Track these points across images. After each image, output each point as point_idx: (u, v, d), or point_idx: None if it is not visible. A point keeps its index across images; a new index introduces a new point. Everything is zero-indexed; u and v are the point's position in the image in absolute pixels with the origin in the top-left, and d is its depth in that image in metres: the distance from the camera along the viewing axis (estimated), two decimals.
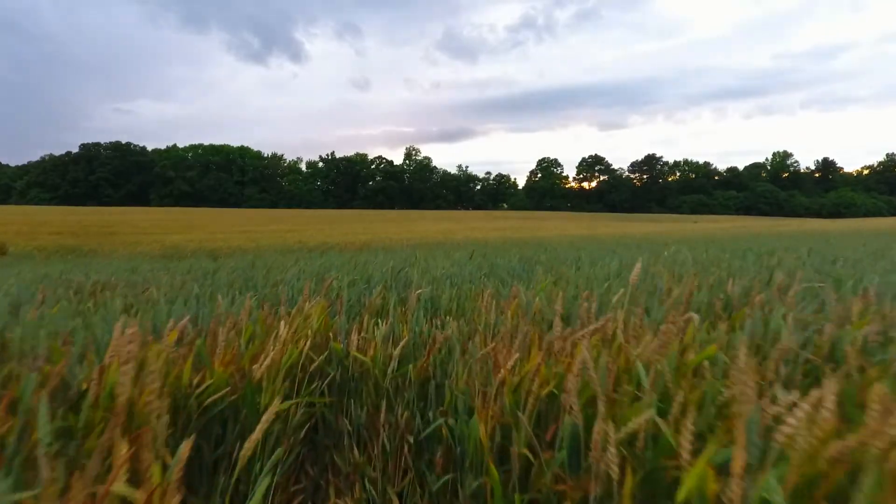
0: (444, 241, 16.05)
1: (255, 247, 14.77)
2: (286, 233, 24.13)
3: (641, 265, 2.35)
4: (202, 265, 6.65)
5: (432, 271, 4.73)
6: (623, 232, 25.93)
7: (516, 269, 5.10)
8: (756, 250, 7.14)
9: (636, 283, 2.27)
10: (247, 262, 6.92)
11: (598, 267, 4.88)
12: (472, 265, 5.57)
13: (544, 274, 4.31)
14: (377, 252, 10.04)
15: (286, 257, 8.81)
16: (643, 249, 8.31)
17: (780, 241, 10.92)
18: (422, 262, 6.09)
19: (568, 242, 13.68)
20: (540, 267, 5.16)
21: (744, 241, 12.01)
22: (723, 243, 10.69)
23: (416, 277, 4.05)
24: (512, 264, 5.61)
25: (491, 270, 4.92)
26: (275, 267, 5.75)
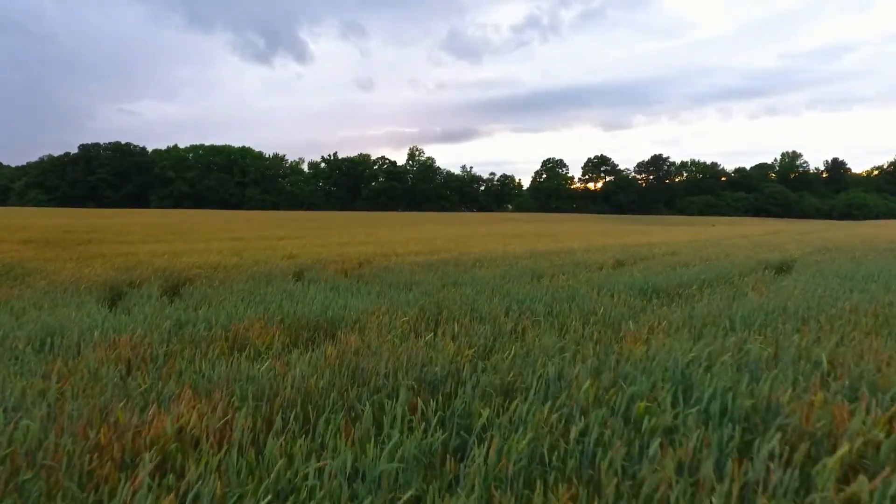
0: (462, 254, 13.96)
1: (235, 263, 12.73)
2: (279, 241, 22.07)
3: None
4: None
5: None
6: (674, 238, 23.80)
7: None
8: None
9: None
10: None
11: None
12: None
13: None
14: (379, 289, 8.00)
15: (252, 288, 6.77)
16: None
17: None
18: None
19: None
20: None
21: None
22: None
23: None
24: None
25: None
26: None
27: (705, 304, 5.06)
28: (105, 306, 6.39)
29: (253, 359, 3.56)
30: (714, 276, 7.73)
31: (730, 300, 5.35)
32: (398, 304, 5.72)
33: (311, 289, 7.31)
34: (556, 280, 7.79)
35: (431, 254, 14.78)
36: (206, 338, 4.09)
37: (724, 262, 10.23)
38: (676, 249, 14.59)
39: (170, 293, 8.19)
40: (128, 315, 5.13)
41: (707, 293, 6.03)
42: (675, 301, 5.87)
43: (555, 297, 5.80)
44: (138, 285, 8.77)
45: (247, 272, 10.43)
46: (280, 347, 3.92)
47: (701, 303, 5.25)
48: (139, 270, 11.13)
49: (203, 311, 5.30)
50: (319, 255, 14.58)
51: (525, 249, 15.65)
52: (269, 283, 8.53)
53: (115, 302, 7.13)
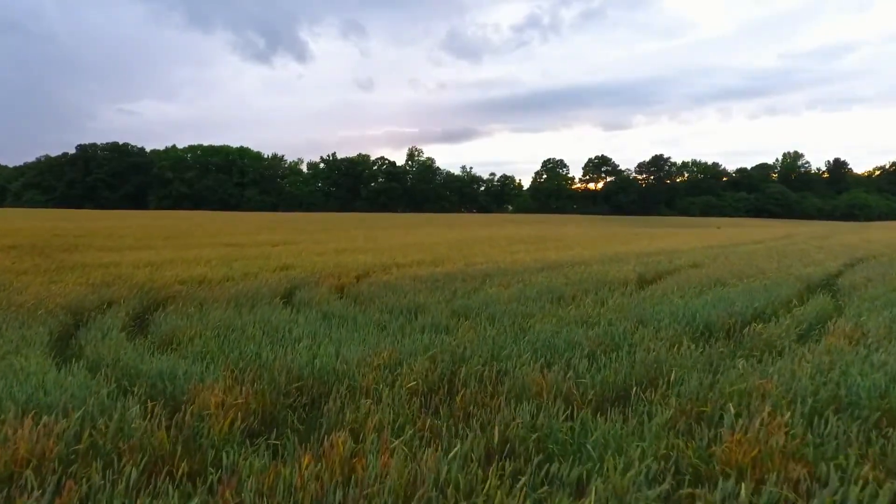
0: (467, 265, 12.97)
1: (223, 276, 11.75)
2: (274, 247, 21.07)
3: None
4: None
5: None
6: (685, 243, 22.84)
7: None
8: None
9: None
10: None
11: None
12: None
13: None
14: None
15: (230, 319, 5.79)
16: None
17: None
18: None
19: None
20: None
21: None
22: None
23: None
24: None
25: None
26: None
27: (804, 366, 3.86)
28: (53, 345, 5.41)
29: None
30: (764, 302, 6.74)
31: (828, 355, 4.15)
32: (402, 346, 4.75)
33: (301, 318, 6.33)
34: (583, 306, 6.81)
35: (434, 265, 13.79)
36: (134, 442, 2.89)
37: (760, 279, 9.25)
38: (697, 260, 13.61)
39: (139, 321, 7.21)
40: (65, 370, 4.13)
41: (780, 334, 5.02)
42: (738, 344, 4.85)
43: (595, 339, 4.81)
44: (108, 307, 7.79)
45: (232, 290, 9.44)
46: (241, 433, 2.93)
47: (788, 360, 4.05)
48: (115, 287, 10.13)
49: (161, 360, 4.32)
50: (315, 266, 13.59)
51: (533, 258, 14.67)
52: (253, 307, 7.54)
53: (71, 335, 6.14)
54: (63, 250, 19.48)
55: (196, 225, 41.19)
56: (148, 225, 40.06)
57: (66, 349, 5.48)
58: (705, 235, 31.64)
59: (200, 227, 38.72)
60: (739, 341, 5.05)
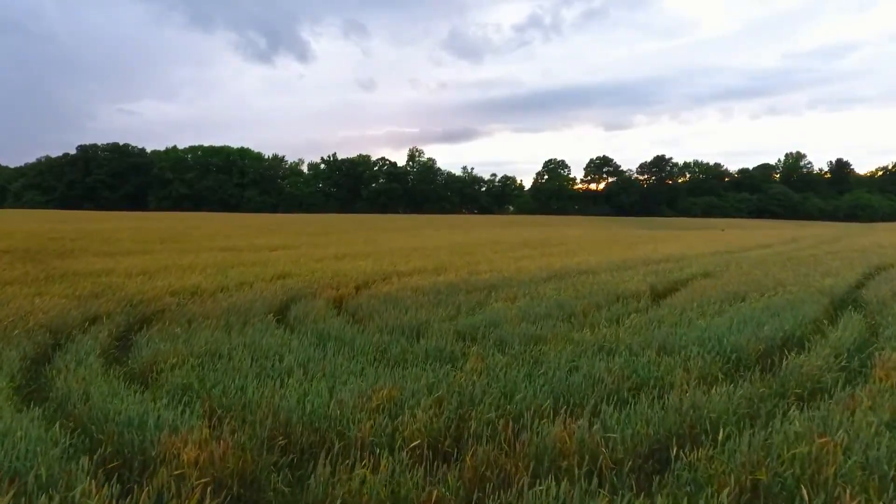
0: (471, 274, 12.50)
1: (217, 286, 11.30)
2: (272, 252, 20.62)
3: None
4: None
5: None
6: (691, 248, 22.35)
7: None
8: None
9: None
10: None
11: None
12: None
13: None
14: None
15: (218, 341, 5.33)
16: None
17: None
18: None
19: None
20: None
21: None
22: None
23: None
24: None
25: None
26: None
27: (867, 416, 3.34)
28: (23, 373, 4.95)
29: None
30: (793, 323, 6.23)
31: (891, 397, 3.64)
32: (404, 380, 4.29)
33: (294, 340, 5.88)
34: (598, 328, 6.34)
35: (436, 272, 13.33)
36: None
37: (780, 293, 8.78)
38: (708, 268, 13.14)
39: (122, 341, 6.76)
40: (24, 414, 3.66)
41: (821, 366, 4.54)
42: (777, 380, 4.36)
43: (618, 373, 4.34)
44: (91, 325, 7.33)
45: (225, 303, 8.99)
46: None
47: (842, 407, 3.51)
48: (103, 299, 9.68)
49: (134, 402, 3.86)
50: (313, 275, 13.14)
51: (539, 266, 14.21)
52: (245, 324, 7.09)
53: (45, 361, 5.68)
54: (57, 255, 19.05)
55: (194, 227, 40.73)
56: (146, 227, 39.61)
57: (36, 380, 5.02)
58: (710, 238, 31.16)
59: (199, 229, 38.26)
60: (777, 375, 4.59)
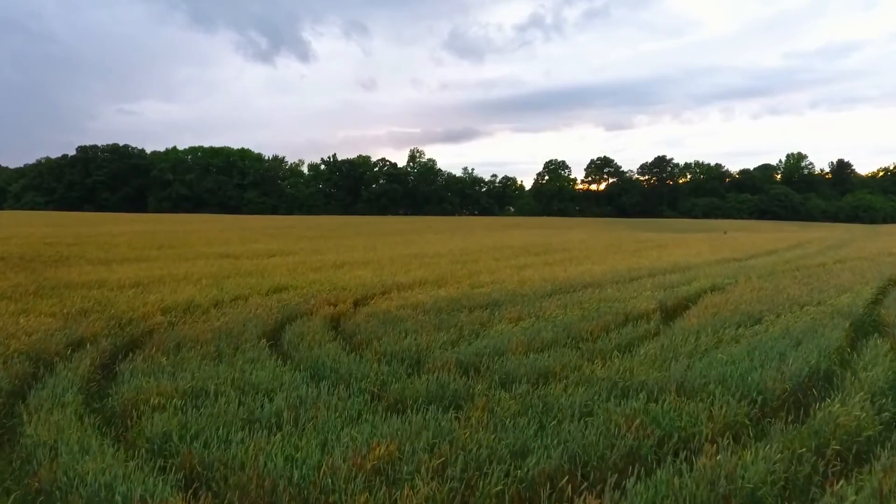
0: (473, 287, 12.12)
1: (211, 301, 10.95)
2: (270, 259, 20.25)
3: None
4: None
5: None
6: (697, 254, 21.99)
7: None
8: None
9: None
10: None
11: None
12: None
13: None
14: None
15: (207, 374, 4.97)
16: None
17: None
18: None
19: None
20: None
21: None
22: None
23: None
24: None
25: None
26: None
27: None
28: None
29: None
30: (816, 354, 5.79)
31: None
32: (403, 432, 3.92)
33: (286, 375, 5.52)
34: (610, 360, 5.96)
35: (437, 285, 12.97)
36: None
37: (796, 314, 8.40)
38: (716, 280, 12.76)
39: (105, 372, 6.38)
40: None
41: (861, 417, 4.14)
42: (814, 435, 3.94)
43: (638, 427, 3.96)
44: (74, 352, 6.95)
45: (217, 322, 8.64)
46: None
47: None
48: (92, 317, 9.32)
49: (105, 463, 3.48)
50: (311, 286, 12.79)
51: (542, 277, 13.84)
52: (236, 350, 6.73)
53: (21, 396, 5.31)
54: (51, 263, 18.70)
55: (193, 231, 40.39)
56: (144, 231, 39.26)
57: (9, 419, 4.66)
58: (714, 243, 30.76)
59: (197, 232, 37.92)
60: (810, 426, 4.19)
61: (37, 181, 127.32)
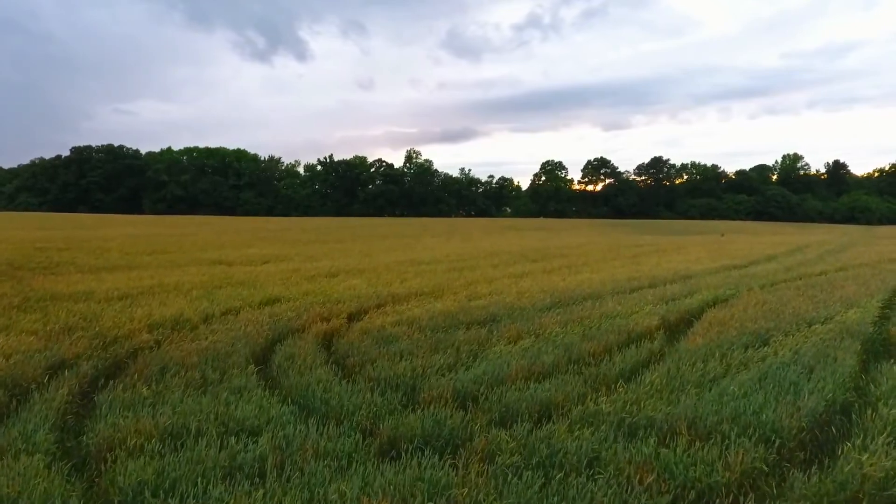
0: (470, 299, 11.84)
1: (201, 315, 10.64)
2: (263, 265, 19.92)
3: None
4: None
5: None
6: (696, 261, 21.76)
7: None
8: None
9: None
10: None
11: None
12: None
13: None
14: None
15: (189, 409, 4.66)
16: None
17: None
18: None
19: None
20: None
21: None
22: None
23: None
24: None
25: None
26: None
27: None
28: None
29: None
30: (830, 383, 5.51)
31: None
32: (396, 494, 3.63)
33: (273, 409, 5.22)
34: (615, 390, 5.69)
35: (434, 296, 12.69)
36: None
37: (805, 332, 8.14)
38: (718, 291, 12.49)
39: (83, 402, 6.07)
40: None
41: (887, 468, 3.88)
42: (841, 489, 3.68)
43: (652, 482, 3.65)
44: (56, 374, 6.64)
45: (205, 342, 8.33)
46: None
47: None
48: (76, 335, 8.98)
49: None
50: (304, 298, 12.49)
51: (541, 287, 13.57)
52: (223, 375, 6.43)
53: None
54: (40, 271, 18.31)
55: (187, 235, 39.97)
56: (137, 235, 38.84)
57: None
58: (712, 248, 30.57)
59: (191, 237, 37.50)
60: (834, 476, 3.92)
61: (30, 182, 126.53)
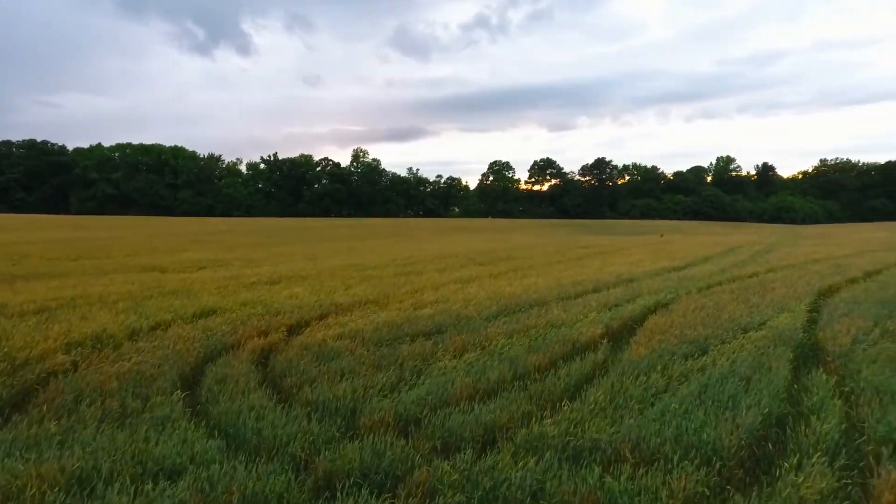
0: (416, 307, 11.59)
1: (126, 331, 9.90)
2: (199, 271, 18.93)
3: None
4: None
5: None
6: (638, 263, 22.27)
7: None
8: None
9: None
10: None
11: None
12: None
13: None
14: None
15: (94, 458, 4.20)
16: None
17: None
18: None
19: None
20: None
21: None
22: None
23: None
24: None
25: None
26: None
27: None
28: None
29: None
30: (767, 395, 5.63)
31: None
32: None
33: (196, 445, 4.80)
34: (558, 405, 5.61)
35: (379, 305, 12.36)
36: None
37: (740, 340, 8.39)
38: (659, 296, 12.80)
39: None
40: None
41: (823, 489, 3.90)
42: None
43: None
44: None
45: (129, 363, 7.71)
46: None
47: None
48: None
49: None
50: (242, 309, 11.86)
51: (488, 295, 13.49)
52: (145, 405, 5.91)
53: None
54: None
55: (116, 238, 37.72)
56: (62, 238, 36.33)
57: None
58: (653, 248, 31.60)
59: (121, 240, 35.39)
60: (774, 498, 3.94)
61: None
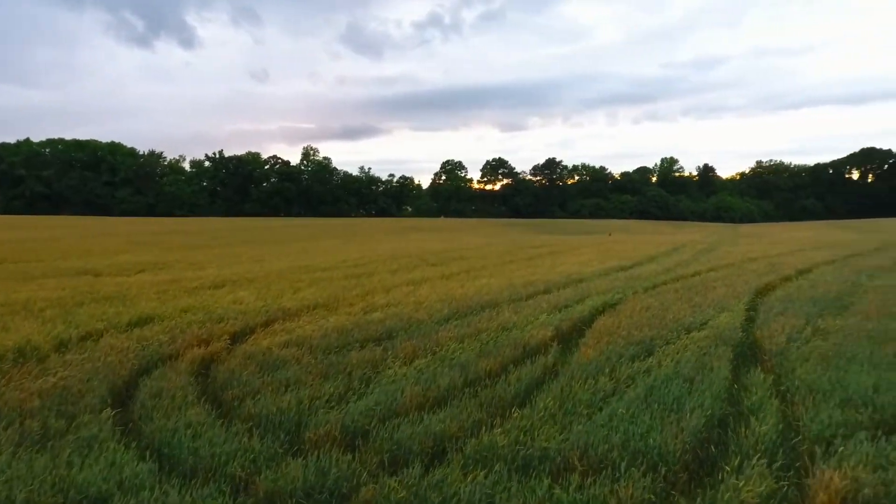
0: (366, 311, 11.35)
1: (53, 342, 9.23)
2: (137, 275, 17.98)
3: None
4: None
5: None
6: (586, 263, 22.60)
7: None
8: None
9: None
10: None
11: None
12: None
13: None
14: None
15: None
16: None
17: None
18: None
19: None
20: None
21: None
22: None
23: None
24: None
25: None
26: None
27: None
28: None
29: None
30: (709, 397, 5.79)
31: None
32: None
33: (127, 469, 4.47)
34: (508, 413, 5.57)
35: (328, 309, 12.05)
36: None
37: (684, 340, 8.64)
38: (607, 297, 13.07)
39: None
40: None
41: (762, 493, 4.02)
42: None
43: None
44: None
45: (54, 379, 7.16)
46: None
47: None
48: None
49: None
50: (182, 316, 11.28)
51: (439, 297, 13.40)
52: (70, 425, 5.48)
53: None
54: None
55: (47, 239, 35.46)
56: None
57: None
58: (601, 248, 32.37)
59: (52, 242, 33.28)
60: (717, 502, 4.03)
61: None
